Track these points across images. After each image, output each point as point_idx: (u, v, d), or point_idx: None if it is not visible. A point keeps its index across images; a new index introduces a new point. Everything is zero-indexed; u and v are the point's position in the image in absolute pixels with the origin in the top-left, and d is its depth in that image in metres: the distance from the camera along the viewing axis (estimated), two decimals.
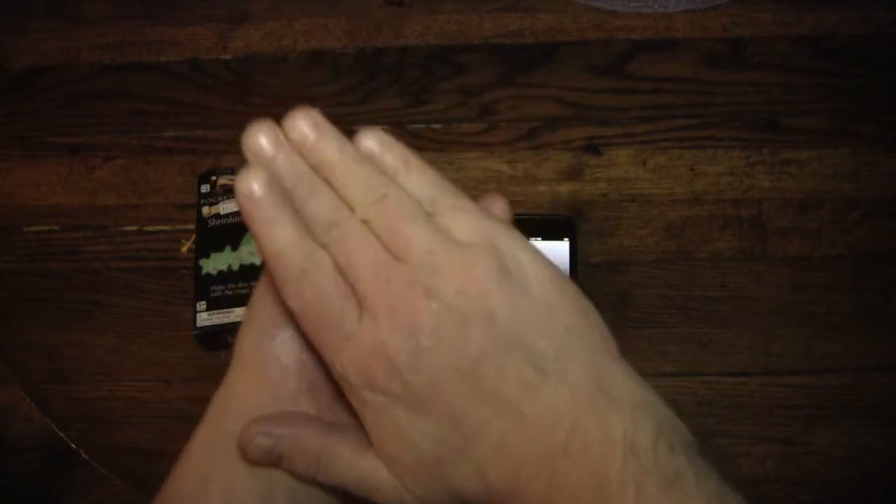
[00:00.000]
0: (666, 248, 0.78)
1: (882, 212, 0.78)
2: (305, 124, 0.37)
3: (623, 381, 0.36)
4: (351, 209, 0.36)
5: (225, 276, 0.74)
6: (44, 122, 0.87)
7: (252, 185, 0.35)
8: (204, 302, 0.73)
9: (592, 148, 0.82)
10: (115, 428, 0.75)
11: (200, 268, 0.75)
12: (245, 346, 0.41)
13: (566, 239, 0.77)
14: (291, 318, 0.38)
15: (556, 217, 0.78)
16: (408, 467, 0.36)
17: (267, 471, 0.39)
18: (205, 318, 0.73)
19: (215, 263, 0.75)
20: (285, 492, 0.39)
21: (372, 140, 0.38)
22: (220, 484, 0.39)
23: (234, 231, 0.75)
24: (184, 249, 0.80)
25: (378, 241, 0.36)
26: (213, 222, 0.76)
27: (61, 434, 0.75)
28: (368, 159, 0.38)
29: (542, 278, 0.36)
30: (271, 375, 0.40)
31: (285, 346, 0.40)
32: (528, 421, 0.34)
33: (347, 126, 0.87)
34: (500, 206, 0.41)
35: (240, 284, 0.73)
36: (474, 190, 0.81)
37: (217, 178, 0.78)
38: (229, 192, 0.78)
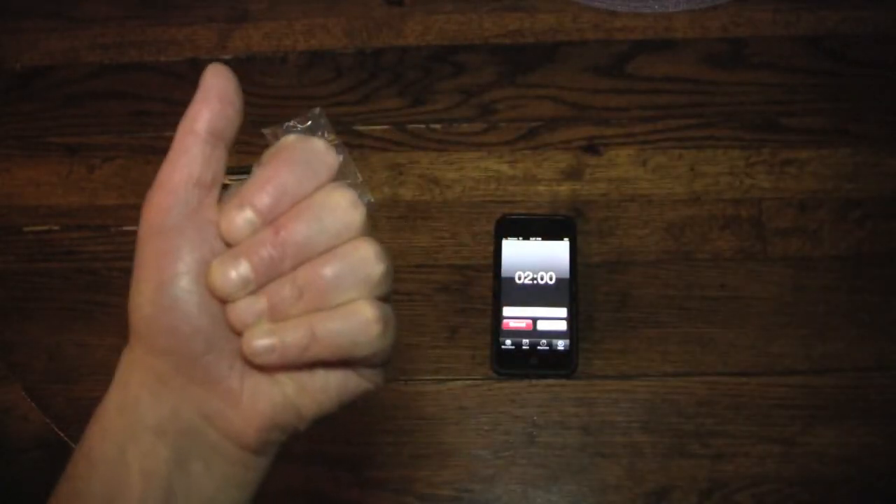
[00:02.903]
0: (666, 248, 0.78)
1: (882, 212, 0.78)
2: None
3: None
4: None
5: None
6: (44, 122, 0.87)
7: None
8: None
9: (592, 148, 0.82)
10: None
11: None
12: (132, 312, 0.38)
13: (566, 239, 0.77)
14: (178, 274, 0.36)
15: (556, 217, 0.79)
16: None
17: (181, 438, 0.38)
18: None
19: None
20: (200, 457, 0.38)
21: None
22: (138, 450, 0.38)
23: None
24: None
25: None
26: None
27: (61, 434, 0.75)
28: None
29: None
30: (161, 343, 0.37)
31: (173, 311, 0.37)
32: None
33: (348, 126, 0.87)
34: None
35: None
36: (474, 190, 0.81)
37: None
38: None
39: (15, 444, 0.75)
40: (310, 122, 0.42)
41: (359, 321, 0.37)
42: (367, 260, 0.37)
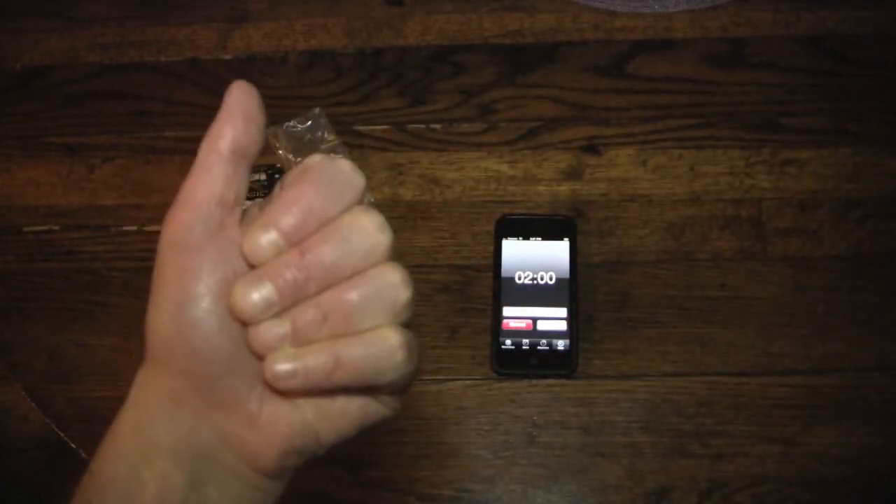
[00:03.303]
0: (666, 248, 0.78)
1: (882, 212, 0.78)
2: None
3: None
4: None
5: None
6: (44, 122, 0.87)
7: None
8: None
9: (592, 148, 0.82)
10: None
11: None
12: (150, 331, 0.37)
13: (566, 239, 0.77)
14: (198, 293, 0.36)
15: (556, 217, 0.79)
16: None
17: (196, 461, 0.38)
18: None
19: None
20: (216, 481, 0.38)
21: None
22: (153, 471, 0.37)
23: None
24: None
25: None
26: None
27: (61, 434, 0.75)
28: None
29: None
30: (180, 363, 0.36)
31: (193, 331, 0.36)
32: None
33: (348, 126, 0.87)
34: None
35: None
36: (474, 190, 0.81)
37: None
38: None
39: (15, 444, 0.75)
40: (310, 122, 0.42)
41: (383, 347, 0.36)
42: (394, 285, 0.36)
